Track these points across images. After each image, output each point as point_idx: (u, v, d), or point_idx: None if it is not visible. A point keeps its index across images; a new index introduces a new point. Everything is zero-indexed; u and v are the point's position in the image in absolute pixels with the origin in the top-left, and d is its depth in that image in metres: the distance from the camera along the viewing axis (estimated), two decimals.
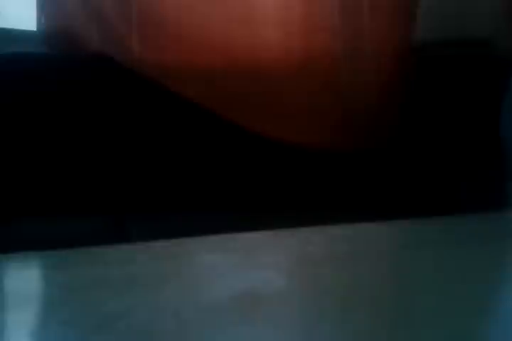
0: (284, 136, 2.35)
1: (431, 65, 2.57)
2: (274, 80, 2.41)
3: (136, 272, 0.56)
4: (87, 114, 2.29)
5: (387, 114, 2.65)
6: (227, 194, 1.83)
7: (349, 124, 2.53)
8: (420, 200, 2.30)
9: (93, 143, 2.30)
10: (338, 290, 0.50)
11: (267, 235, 0.77)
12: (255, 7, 2.37)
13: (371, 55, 2.60)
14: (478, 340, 0.39)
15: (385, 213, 0.94)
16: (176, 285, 0.52)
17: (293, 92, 2.38)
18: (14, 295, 0.51)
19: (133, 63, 2.33)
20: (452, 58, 2.53)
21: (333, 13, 2.52)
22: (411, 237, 0.76)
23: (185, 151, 2.02)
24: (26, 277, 0.59)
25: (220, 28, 2.43)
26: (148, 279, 0.54)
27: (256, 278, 0.54)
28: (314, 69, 2.46)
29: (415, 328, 0.40)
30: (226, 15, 2.39)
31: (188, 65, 2.39)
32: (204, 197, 2.25)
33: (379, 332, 0.39)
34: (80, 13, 2.28)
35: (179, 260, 0.62)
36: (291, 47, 2.33)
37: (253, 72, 2.37)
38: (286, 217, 1.61)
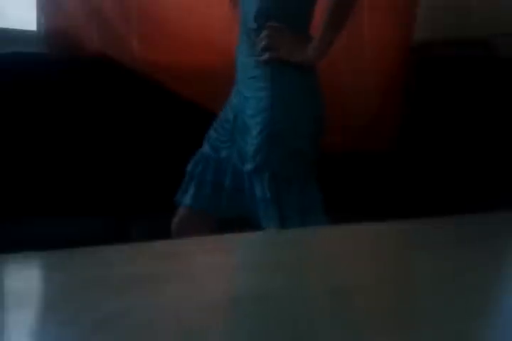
0: None
1: (431, 65, 2.56)
2: None
3: (136, 272, 0.56)
4: (87, 114, 2.28)
5: (387, 114, 2.65)
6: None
7: (349, 124, 2.53)
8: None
9: (92, 143, 2.30)
10: (337, 290, 0.50)
11: (267, 235, 0.77)
12: None
13: (371, 54, 2.59)
14: (478, 340, 0.39)
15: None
16: (175, 285, 0.52)
17: None
18: (14, 295, 0.51)
19: (132, 63, 2.33)
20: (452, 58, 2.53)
21: None
22: (411, 237, 0.76)
23: (185, 151, 2.02)
24: (26, 277, 0.59)
25: (220, 29, 2.43)
26: (148, 279, 0.54)
27: (256, 277, 0.54)
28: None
29: (415, 328, 0.40)
30: (225, 16, 2.39)
31: (187, 64, 2.39)
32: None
33: (379, 332, 0.39)
34: (80, 13, 2.29)
35: (179, 260, 0.62)
36: None
37: None
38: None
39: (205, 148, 1.75)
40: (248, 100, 1.63)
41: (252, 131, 1.60)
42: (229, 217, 1.70)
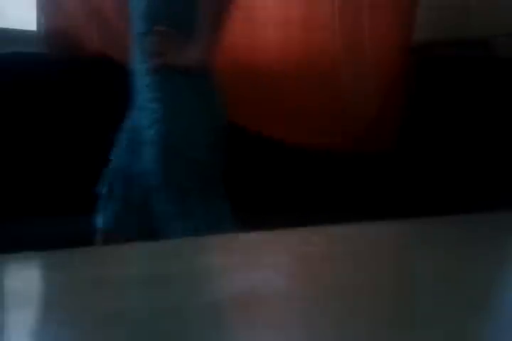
0: (285, 136, 2.35)
1: (431, 65, 2.56)
2: (274, 80, 2.40)
3: (136, 272, 0.56)
4: (87, 114, 2.28)
5: (387, 114, 2.65)
6: (228, 194, 1.83)
7: (349, 126, 2.52)
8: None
9: (92, 143, 2.30)
10: (337, 290, 0.50)
11: (267, 235, 0.77)
12: (255, 7, 2.37)
13: (371, 55, 2.59)
14: (478, 339, 0.39)
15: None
16: (176, 285, 0.52)
17: (292, 92, 2.38)
18: (14, 295, 0.51)
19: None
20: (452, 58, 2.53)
21: (334, 13, 2.52)
22: (411, 237, 0.76)
23: None
24: (26, 277, 0.59)
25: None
26: (148, 279, 0.54)
27: (256, 278, 0.54)
28: (314, 69, 2.45)
29: (415, 328, 0.40)
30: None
31: None
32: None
33: (379, 332, 0.39)
34: (80, 13, 2.29)
35: (179, 260, 0.62)
36: (290, 47, 2.33)
37: (253, 72, 2.37)
38: (287, 217, 1.61)
39: (113, 163, 1.66)
40: (142, 111, 1.56)
41: (149, 143, 1.52)
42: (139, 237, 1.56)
